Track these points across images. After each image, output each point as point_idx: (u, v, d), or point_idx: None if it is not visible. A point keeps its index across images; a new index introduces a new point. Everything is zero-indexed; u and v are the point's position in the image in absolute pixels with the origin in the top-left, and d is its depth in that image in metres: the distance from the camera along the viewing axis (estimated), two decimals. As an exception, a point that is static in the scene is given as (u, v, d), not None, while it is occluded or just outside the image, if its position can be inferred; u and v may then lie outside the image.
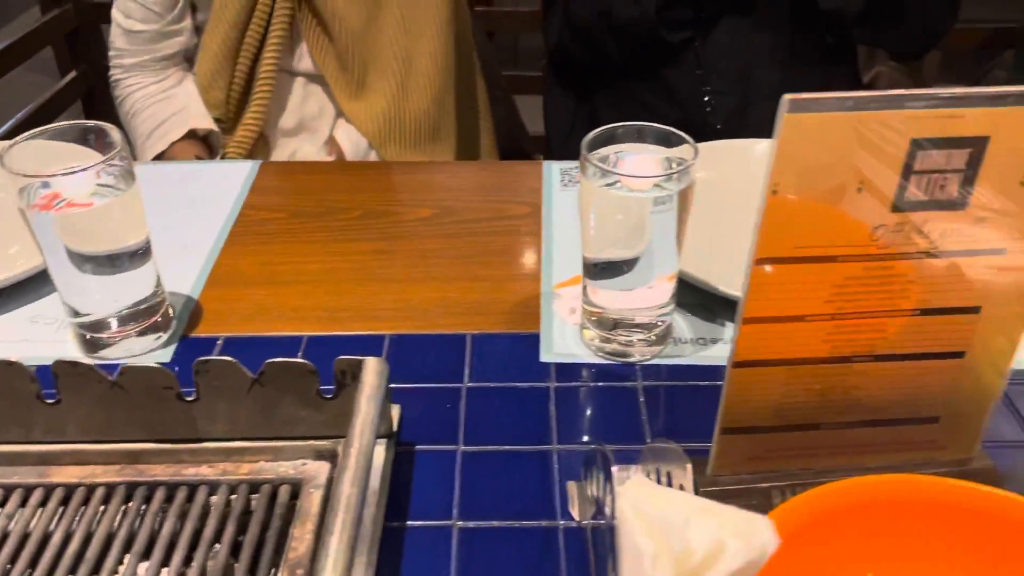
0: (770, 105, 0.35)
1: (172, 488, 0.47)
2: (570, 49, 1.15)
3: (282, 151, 1.07)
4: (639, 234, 0.51)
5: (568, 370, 0.55)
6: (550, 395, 0.53)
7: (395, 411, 0.51)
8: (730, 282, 0.57)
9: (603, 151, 0.52)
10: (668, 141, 0.52)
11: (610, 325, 0.55)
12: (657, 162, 0.52)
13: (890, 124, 0.35)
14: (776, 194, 0.36)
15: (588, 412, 0.53)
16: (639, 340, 0.55)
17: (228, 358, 0.46)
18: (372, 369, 0.45)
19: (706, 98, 1.07)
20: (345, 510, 0.38)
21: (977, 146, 0.36)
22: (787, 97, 0.35)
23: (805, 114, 0.35)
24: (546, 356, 0.56)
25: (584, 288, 0.55)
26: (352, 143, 1.06)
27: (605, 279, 0.53)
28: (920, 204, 0.37)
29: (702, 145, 0.68)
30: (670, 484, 0.43)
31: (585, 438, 0.50)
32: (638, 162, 0.51)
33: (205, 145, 1.06)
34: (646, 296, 0.54)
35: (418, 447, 0.50)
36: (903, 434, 0.45)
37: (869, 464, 0.45)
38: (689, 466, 0.44)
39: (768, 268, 0.38)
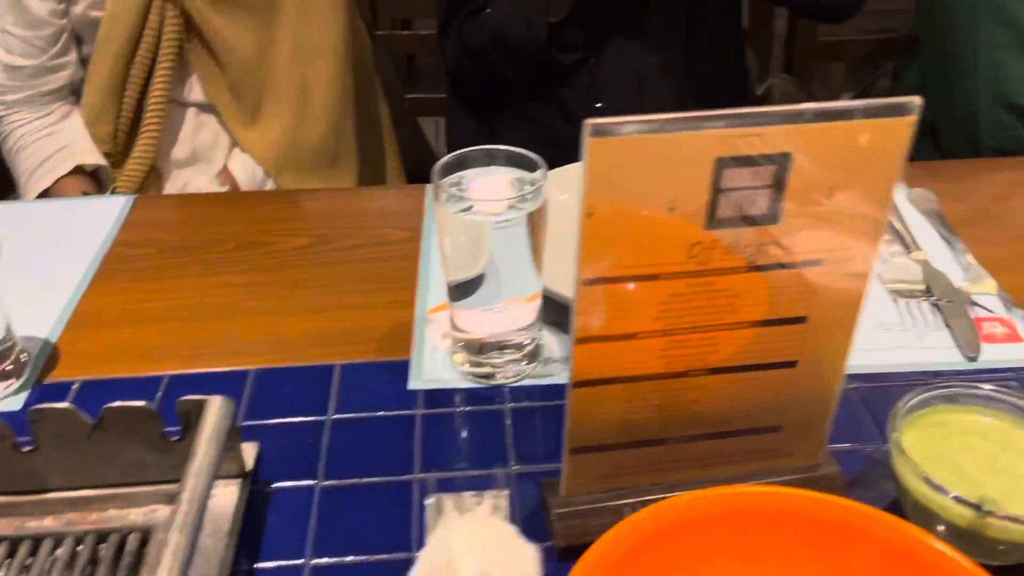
0: None
1: (15, 543, 0.45)
2: (467, 71, 1.16)
3: (175, 183, 1.05)
4: (493, 256, 0.51)
5: (436, 396, 0.55)
6: (416, 423, 0.53)
7: (251, 449, 0.50)
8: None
9: (456, 176, 0.52)
10: (520, 163, 0.52)
11: (477, 348, 0.55)
12: (508, 184, 0.52)
13: (694, 145, 0.36)
14: (592, 217, 0.37)
15: (454, 438, 0.52)
16: (507, 362, 0.55)
17: (65, 404, 0.44)
18: (214, 409, 0.44)
19: (601, 116, 1.09)
20: (172, 559, 0.37)
21: (781, 163, 0.37)
22: (588, 122, 0.35)
23: (609, 138, 0.35)
24: (415, 383, 0.56)
25: (450, 312, 0.55)
26: (247, 173, 1.05)
27: (467, 301, 0.53)
28: (733, 221, 0.38)
29: (572, 166, 0.68)
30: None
31: (447, 468, 0.50)
32: (488, 185, 0.51)
33: (94, 180, 1.04)
34: (509, 317, 0.54)
35: (275, 485, 0.49)
36: (748, 444, 0.46)
37: (718, 476, 0.46)
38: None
39: (593, 289, 0.39)
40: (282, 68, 1.05)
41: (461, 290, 0.53)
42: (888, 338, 0.59)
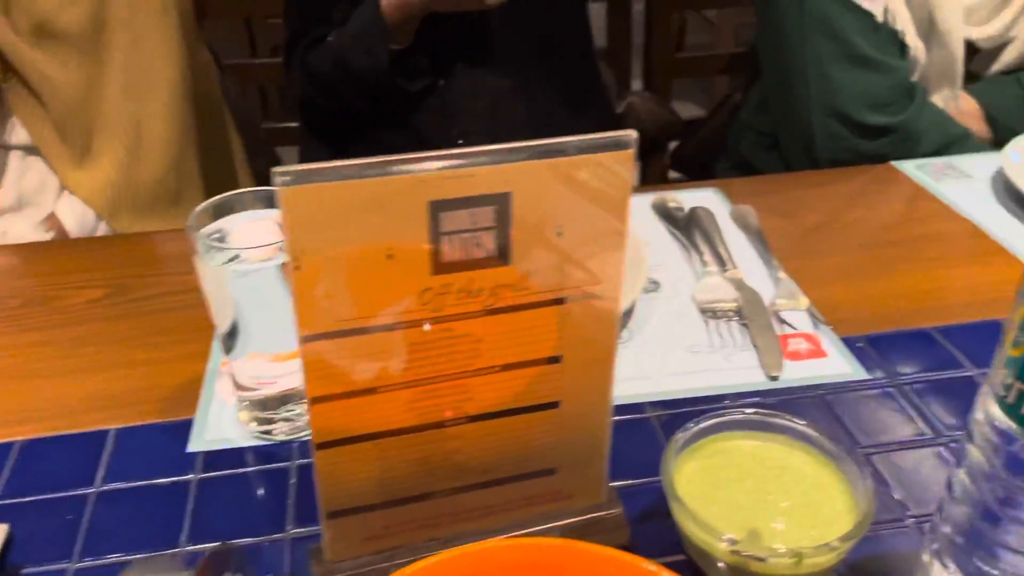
0: (523, 139, 0.34)
1: None
2: (314, 100, 1.13)
3: (-5, 232, 0.99)
4: (255, 305, 0.48)
5: (218, 458, 0.51)
6: (191, 489, 0.49)
7: (0, 533, 0.45)
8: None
9: (220, 222, 0.49)
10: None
11: (259, 403, 0.52)
12: (273, 227, 0.49)
13: (403, 189, 0.34)
14: (300, 270, 0.34)
15: (231, 503, 0.49)
16: (291, 416, 0.52)
17: None
18: (-76, 498, 0.40)
19: (459, 141, 1.07)
20: None
21: (501, 202, 0.35)
22: (276, 171, 0.33)
23: (302, 186, 0.33)
24: (195, 445, 0.52)
25: (228, 366, 0.52)
26: (77, 217, 0.99)
27: (238, 353, 0.50)
28: (461, 264, 0.36)
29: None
30: None
31: (219, 536, 0.47)
32: (248, 231, 0.49)
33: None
34: (286, 369, 0.51)
35: (26, 570, 0.45)
36: (523, 490, 0.44)
37: (497, 525, 0.44)
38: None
39: (318, 345, 0.36)
40: (113, 104, 0.99)
41: (232, 342, 0.49)
42: (696, 361, 0.59)
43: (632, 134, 0.36)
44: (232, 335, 0.49)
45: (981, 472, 0.36)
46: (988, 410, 0.36)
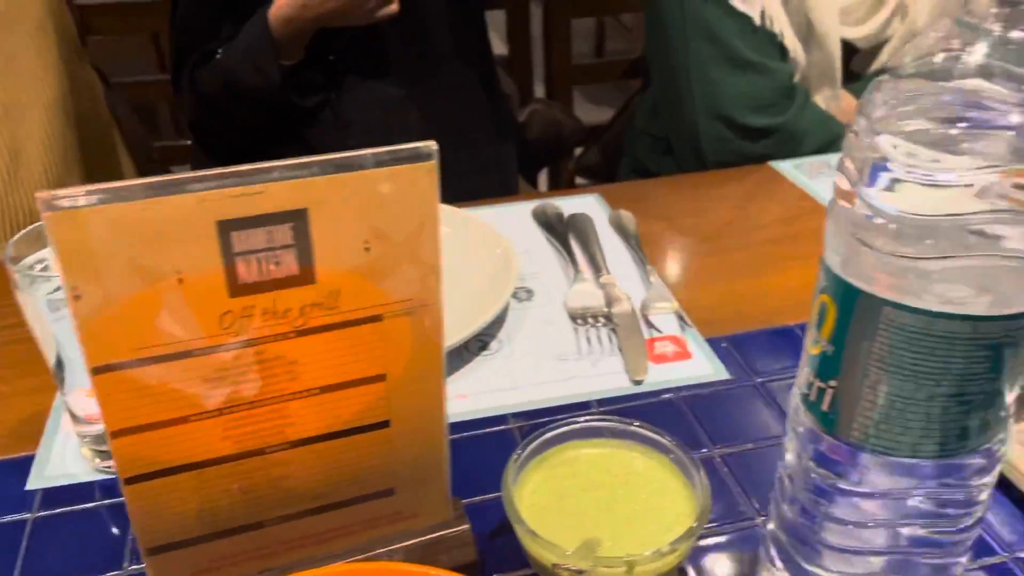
0: None
1: None
2: (204, 120, 1.10)
3: None
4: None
5: (58, 495, 0.49)
6: (26, 529, 0.47)
7: None
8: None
9: (45, 251, 0.47)
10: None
11: (99, 436, 0.50)
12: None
13: (187, 209, 0.33)
14: (80, 299, 0.33)
15: (67, 541, 0.47)
16: (136, 446, 0.50)
17: None
18: None
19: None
20: None
21: (297, 219, 0.34)
22: (39, 195, 0.31)
23: (69, 211, 0.31)
24: (34, 482, 0.50)
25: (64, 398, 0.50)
26: (-51, 246, 0.95)
27: (74, 387, 0.48)
28: (261, 285, 0.35)
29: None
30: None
31: None
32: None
33: None
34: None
35: None
36: (363, 512, 0.43)
37: (337, 551, 0.43)
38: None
39: (111, 376, 0.34)
40: (-15, 128, 0.96)
41: (61, 375, 0.47)
42: (563, 368, 0.58)
43: (432, 145, 0.35)
44: (60, 368, 0.47)
45: (796, 469, 0.37)
46: (796, 408, 0.36)
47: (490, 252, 0.65)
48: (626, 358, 0.59)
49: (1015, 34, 0.28)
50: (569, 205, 0.78)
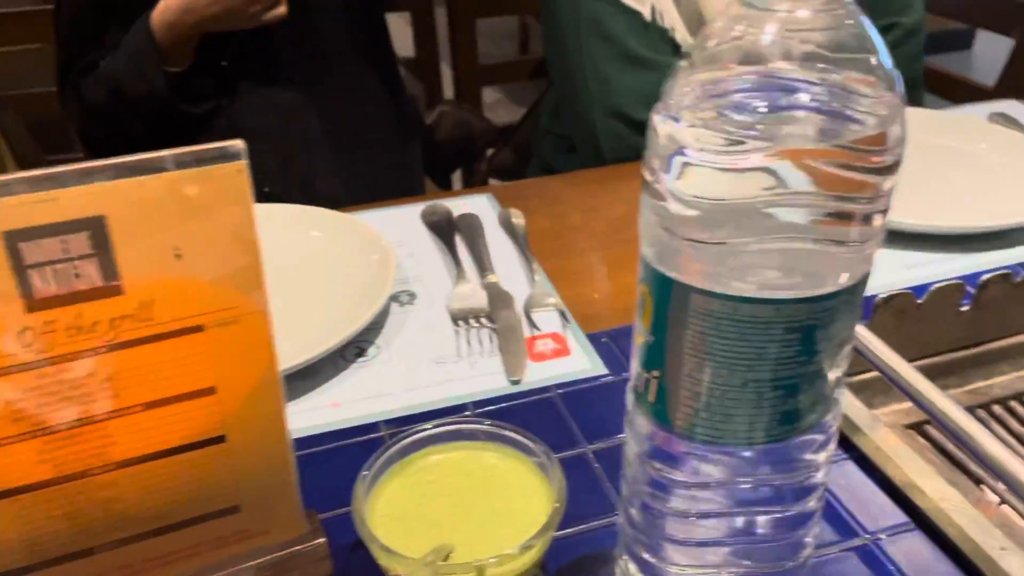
0: (318, 152, 0.30)
1: None
2: (92, 130, 1.06)
3: None
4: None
5: None
6: None
7: None
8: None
9: None
10: None
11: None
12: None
13: (-32, 219, 0.31)
14: None
15: None
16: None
17: None
18: None
19: (250, 159, 1.03)
20: None
21: (94, 227, 0.32)
22: None
23: None
24: None
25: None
26: None
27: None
28: (62, 298, 0.33)
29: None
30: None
31: None
32: None
33: None
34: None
35: None
36: (208, 532, 0.41)
37: (186, 570, 0.41)
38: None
39: (-100, 402, 0.32)
40: None
41: None
42: (441, 372, 0.57)
43: (239, 144, 0.34)
44: None
45: (634, 464, 0.36)
46: (629, 401, 0.35)
47: (367, 256, 0.63)
48: (505, 358, 0.58)
49: (801, 14, 0.28)
50: (459, 205, 0.77)
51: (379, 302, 0.59)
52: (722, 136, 0.27)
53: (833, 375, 0.32)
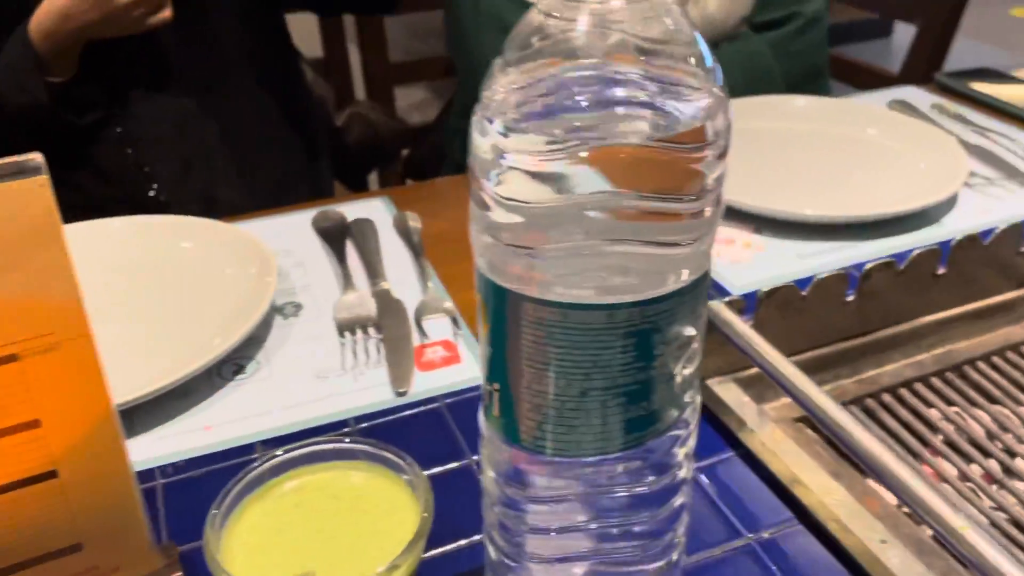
0: (218, 160, 0.27)
1: None
2: (-27, 142, 1.01)
3: None
4: None
5: None
6: None
7: None
8: None
9: None
10: None
11: None
12: None
13: None
14: None
15: None
16: None
17: None
18: None
19: (145, 169, 0.99)
20: None
21: None
22: None
23: None
24: None
25: None
26: None
27: None
28: None
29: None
30: None
31: None
32: None
33: None
34: None
35: None
36: (50, 572, 0.38)
37: (23, 619, 0.38)
38: None
39: None
40: None
41: None
42: (322, 387, 0.55)
43: (37, 158, 0.31)
44: None
45: (488, 480, 0.34)
46: (480, 416, 0.34)
47: (244, 267, 0.61)
48: (390, 369, 0.56)
49: (615, 4, 0.26)
50: (355, 210, 0.74)
51: (256, 316, 0.56)
52: (538, 137, 0.26)
53: (682, 376, 0.31)
